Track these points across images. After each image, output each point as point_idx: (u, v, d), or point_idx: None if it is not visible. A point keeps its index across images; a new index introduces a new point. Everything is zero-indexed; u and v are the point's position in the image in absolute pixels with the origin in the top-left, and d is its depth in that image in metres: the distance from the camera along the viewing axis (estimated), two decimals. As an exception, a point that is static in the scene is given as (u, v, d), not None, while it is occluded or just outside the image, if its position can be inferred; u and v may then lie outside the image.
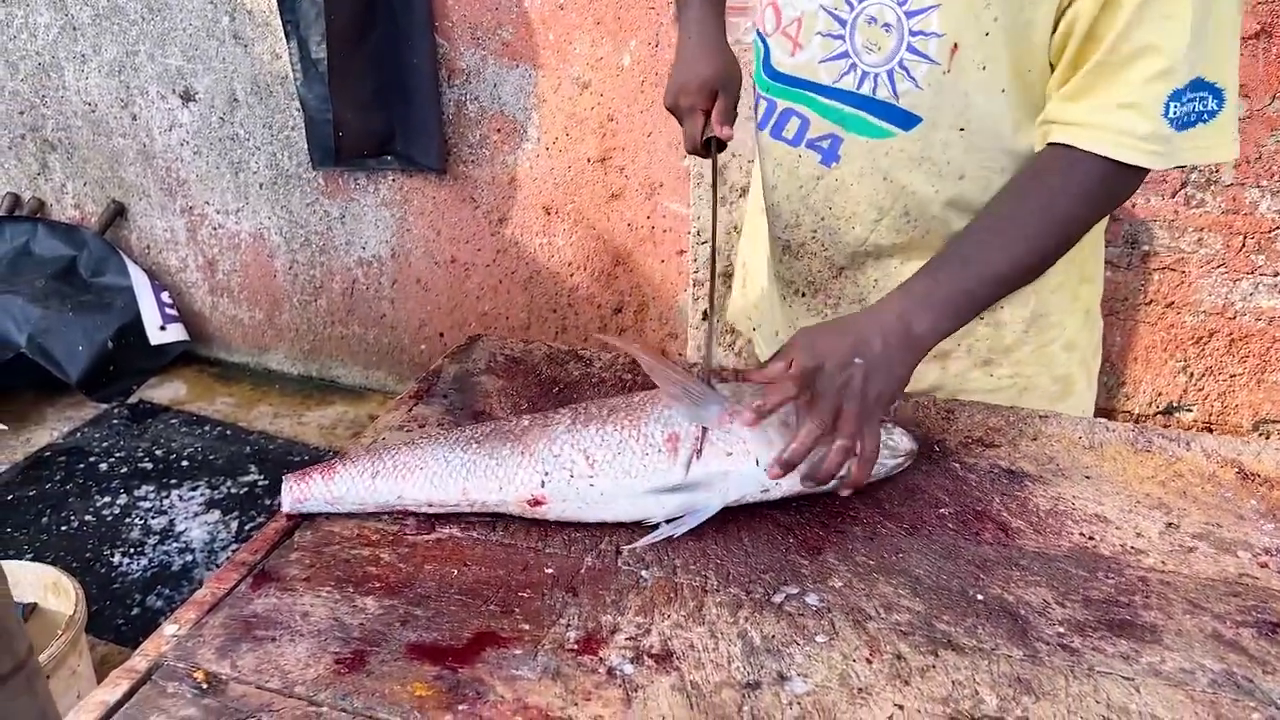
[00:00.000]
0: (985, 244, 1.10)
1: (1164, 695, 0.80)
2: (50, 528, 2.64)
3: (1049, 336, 1.29)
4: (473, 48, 2.73)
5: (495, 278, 3.03)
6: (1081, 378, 1.34)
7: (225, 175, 3.23)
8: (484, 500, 0.99)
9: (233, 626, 0.87)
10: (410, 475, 0.99)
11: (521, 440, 1.01)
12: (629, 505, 0.98)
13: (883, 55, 1.14)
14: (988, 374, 1.30)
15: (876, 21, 1.13)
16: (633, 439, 0.98)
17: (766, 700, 0.78)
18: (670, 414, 1.00)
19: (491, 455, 0.99)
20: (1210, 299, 2.28)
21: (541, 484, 0.97)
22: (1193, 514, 1.02)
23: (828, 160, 1.24)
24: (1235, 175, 2.15)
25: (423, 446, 1.02)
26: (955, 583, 0.92)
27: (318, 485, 1.00)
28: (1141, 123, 1.03)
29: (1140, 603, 0.90)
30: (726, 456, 0.98)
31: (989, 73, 1.10)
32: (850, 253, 1.29)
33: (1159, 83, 1.02)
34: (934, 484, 1.07)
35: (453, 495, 0.99)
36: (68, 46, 3.21)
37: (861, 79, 1.16)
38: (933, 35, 1.09)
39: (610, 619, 0.87)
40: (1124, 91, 1.03)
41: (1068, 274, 1.26)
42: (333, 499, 1.00)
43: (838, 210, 1.26)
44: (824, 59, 1.19)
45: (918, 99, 1.14)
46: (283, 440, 3.10)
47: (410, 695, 0.79)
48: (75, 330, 3.16)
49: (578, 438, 0.99)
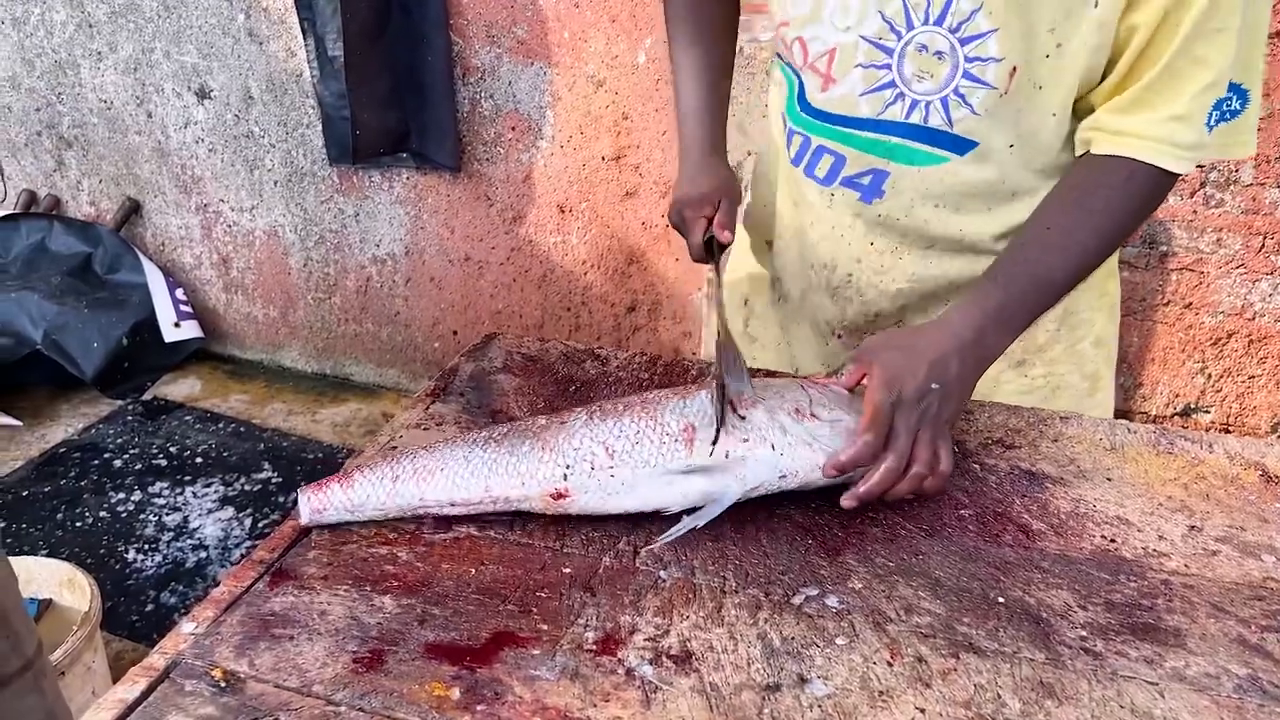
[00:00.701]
0: (1047, 254, 1.10)
1: (1189, 700, 0.79)
2: (65, 524, 2.65)
3: (1079, 334, 1.29)
4: (488, 45, 2.73)
5: (509, 276, 3.03)
6: (1107, 373, 1.35)
7: (240, 172, 3.24)
8: (507, 496, 0.99)
9: (250, 625, 0.87)
10: (431, 477, 0.99)
11: (540, 436, 1.01)
12: (650, 493, 0.98)
13: (936, 83, 1.12)
14: (1021, 374, 1.30)
15: (928, 50, 1.10)
16: (650, 429, 0.99)
17: (787, 702, 0.78)
18: (685, 406, 1.01)
19: (512, 452, 1.00)
20: (1229, 300, 2.26)
21: (564, 477, 0.98)
22: (1216, 517, 1.01)
23: (868, 197, 1.22)
24: (1255, 175, 2.13)
25: (441, 448, 1.02)
26: (976, 585, 0.92)
27: (336, 494, 1.00)
28: (1190, 134, 1.06)
29: (1163, 606, 0.89)
30: (743, 442, 0.99)
31: (1045, 92, 1.09)
32: (893, 291, 1.27)
33: (1208, 94, 1.04)
34: (953, 485, 1.06)
35: (476, 493, 0.99)
36: (84, 44, 3.22)
37: (911, 108, 1.14)
38: (991, 60, 1.08)
39: (629, 619, 0.87)
40: (1178, 105, 1.05)
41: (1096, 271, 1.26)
42: (353, 507, 0.99)
43: (880, 246, 1.24)
44: (865, 91, 1.15)
45: (973, 124, 1.12)
46: (296, 437, 3.11)
47: (428, 695, 0.79)
48: (90, 327, 3.18)
49: (596, 431, 1.00)
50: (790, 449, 0.99)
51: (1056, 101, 1.10)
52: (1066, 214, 1.11)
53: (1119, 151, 1.08)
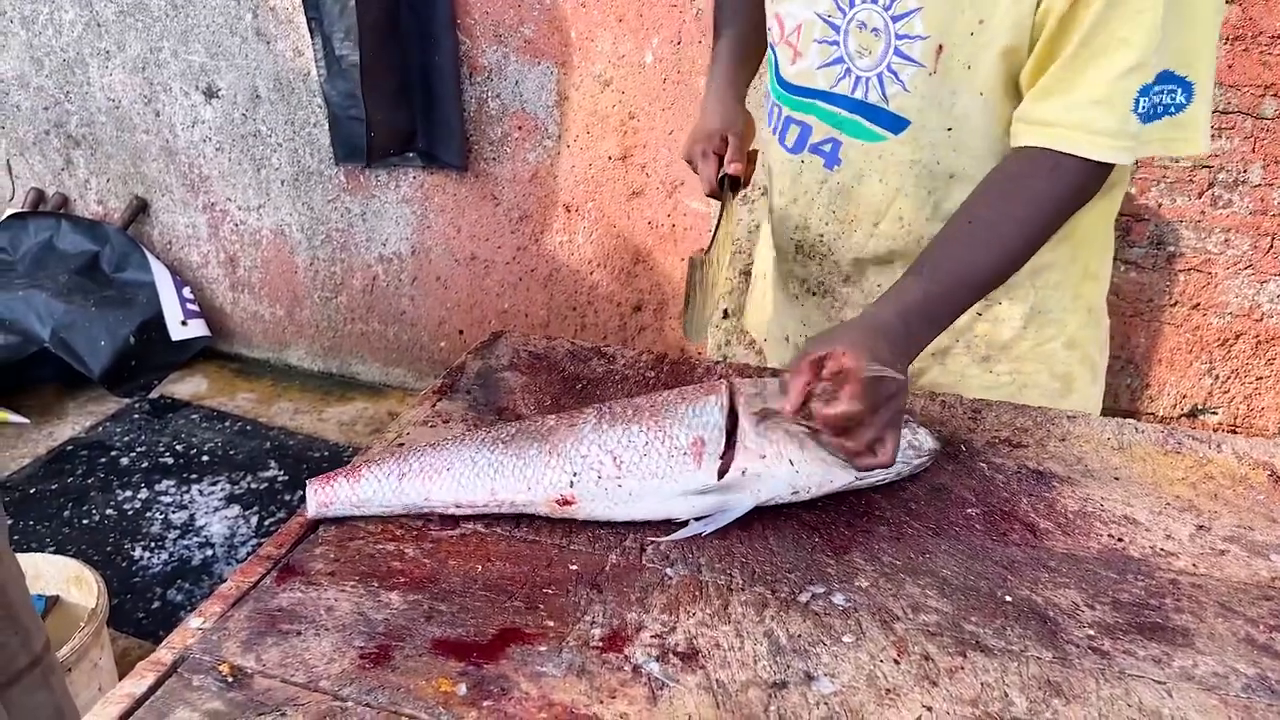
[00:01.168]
0: (970, 250, 1.09)
1: (1197, 700, 0.79)
2: (71, 521, 2.66)
3: (1048, 334, 1.28)
4: (495, 45, 2.73)
5: (515, 275, 3.03)
6: (1084, 375, 1.33)
7: (247, 172, 3.24)
8: (512, 500, 0.98)
9: (258, 620, 0.87)
10: (437, 476, 0.99)
11: (548, 440, 1.00)
12: (657, 504, 0.98)
13: (873, 59, 1.15)
14: (987, 370, 1.30)
15: (866, 26, 1.15)
16: (658, 441, 0.98)
17: (793, 700, 0.78)
18: (694, 417, 1.00)
19: (519, 455, 0.99)
20: (1237, 300, 2.26)
21: (570, 484, 0.97)
22: (1224, 516, 1.01)
23: (830, 164, 1.26)
24: (1264, 176, 2.13)
25: (449, 447, 1.02)
26: (983, 584, 0.91)
27: (343, 488, 1.00)
28: (1112, 120, 1.04)
29: (1171, 606, 0.89)
30: (760, 459, 0.97)
31: (974, 72, 1.10)
32: (853, 258, 1.30)
33: (1130, 78, 1.02)
34: (961, 484, 1.06)
35: (481, 496, 0.98)
36: (92, 43, 3.23)
37: (855, 83, 1.19)
38: (917, 38, 1.11)
39: (635, 616, 0.87)
40: (1095, 87, 1.03)
41: (1068, 271, 1.26)
42: (359, 502, 1.00)
43: (841, 214, 1.28)
44: (821, 65, 1.21)
45: (905, 102, 1.15)
46: (303, 436, 3.11)
47: (435, 691, 0.79)
48: (98, 325, 3.18)
49: (604, 438, 0.99)
50: (806, 465, 0.98)
51: (983, 81, 1.11)
52: (990, 208, 1.10)
53: (1040, 143, 1.07)
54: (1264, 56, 2.02)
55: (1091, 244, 1.27)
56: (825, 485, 0.99)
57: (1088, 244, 1.26)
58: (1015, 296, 1.25)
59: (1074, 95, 1.05)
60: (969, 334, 1.28)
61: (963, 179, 1.18)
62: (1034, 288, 1.25)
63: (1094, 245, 1.28)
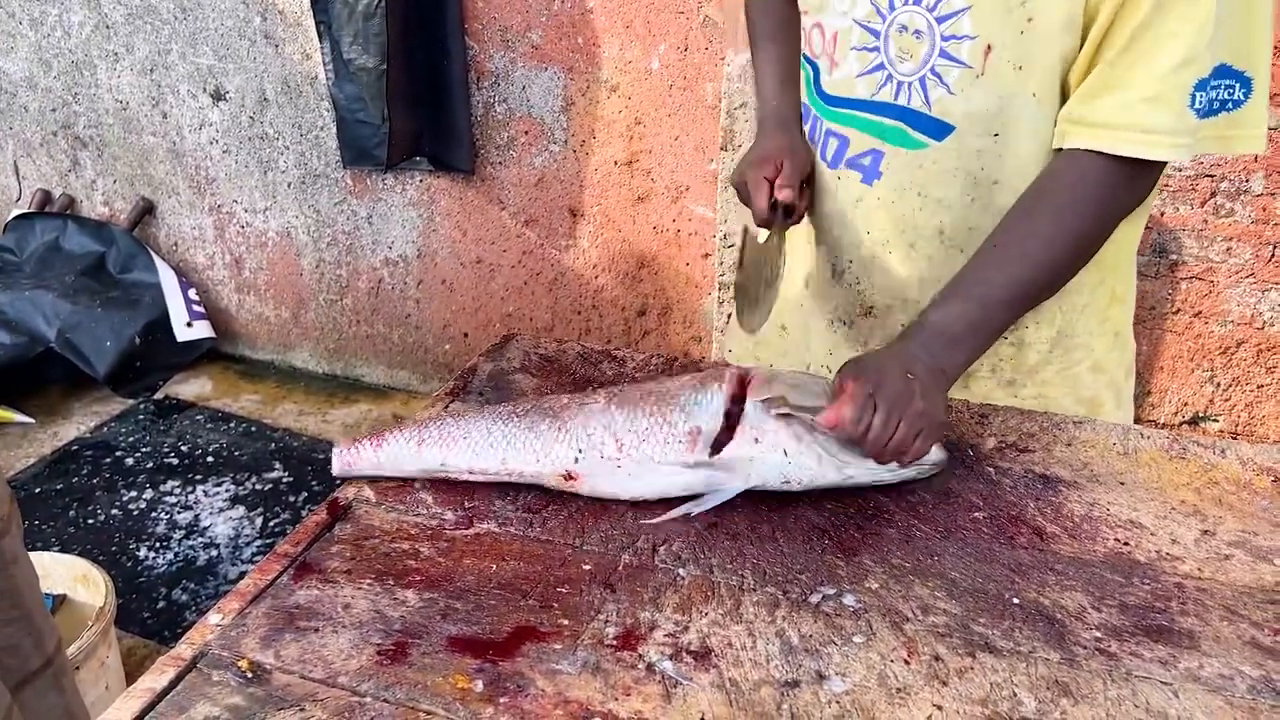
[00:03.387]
0: (1000, 268, 1.09)
1: (1203, 701, 0.80)
2: (77, 521, 2.67)
3: (1075, 358, 1.27)
4: (502, 50, 2.74)
5: (520, 279, 3.04)
6: (1109, 399, 1.32)
7: (254, 174, 3.26)
8: (521, 470, 1.04)
9: (275, 617, 0.88)
10: (454, 444, 1.05)
11: (559, 417, 1.06)
12: (656, 481, 1.03)
13: (916, 63, 1.13)
14: (1012, 394, 1.28)
15: (908, 29, 1.12)
16: (658, 426, 1.03)
17: (805, 698, 0.79)
18: (695, 405, 1.04)
19: (531, 429, 1.05)
20: (1238, 309, 2.27)
21: (575, 460, 1.02)
22: (1229, 521, 1.02)
23: (869, 178, 1.22)
24: (1266, 185, 2.14)
25: (466, 418, 1.08)
26: (991, 586, 0.93)
27: (366, 451, 1.07)
28: (1168, 117, 1.02)
29: (1177, 609, 0.90)
30: (755, 444, 1.01)
31: (1024, 73, 1.08)
32: (884, 285, 1.27)
33: (1183, 72, 1.00)
34: (968, 488, 1.07)
35: (493, 464, 1.04)
36: (100, 45, 3.25)
37: (898, 90, 1.16)
38: (965, 38, 1.08)
39: (648, 616, 0.88)
40: (1148, 84, 1.01)
41: (1096, 294, 1.24)
42: (380, 464, 1.06)
43: (876, 235, 1.25)
44: (861, 73, 1.18)
45: (949, 106, 1.12)
46: (307, 438, 3.12)
47: (452, 687, 0.80)
48: (103, 326, 3.19)
49: (610, 420, 1.04)
50: (799, 457, 1.01)
51: (1036, 82, 1.08)
52: (1028, 219, 1.09)
53: (1093, 145, 1.05)
54: (1267, 67, 2.04)
55: (1119, 268, 1.25)
56: (817, 480, 1.02)
57: (1115, 268, 1.24)
58: (1042, 320, 1.23)
59: (1126, 94, 1.02)
60: (994, 358, 1.26)
61: (1006, 187, 1.14)
62: (1061, 311, 1.23)
63: (1121, 269, 1.26)
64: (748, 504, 1.03)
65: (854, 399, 0.98)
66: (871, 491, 1.06)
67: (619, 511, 1.02)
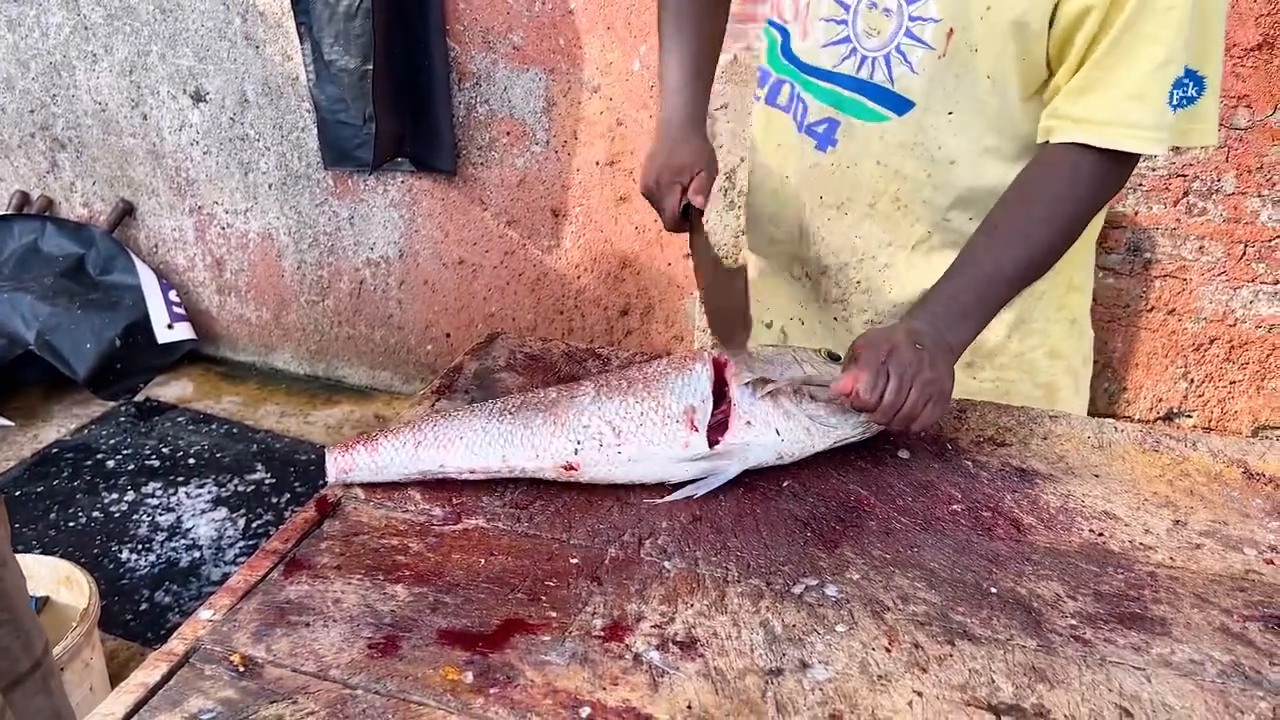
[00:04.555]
0: (1005, 247, 1.14)
1: (1174, 684, 0.82)
2: (58, 524, 2.66)
3: (1031, 343, 1.32)
4: (484, 51, 2.75)
5: (503, 279, 3.05)
6: (1067, 385, 1.37)
7: (234, 175, 3.25)
8: (523, 466, 1.05)
9: (267, 612, 0.89)
10: (452, 445, 1.05)
11: (552, 411, 1.07)
12: (655, 467, 1.05)
13: (882, 39, 1.18)
14: (970, 376, 1.33)
15: (878, 7, 1.17)
16: (653, 410, 1.05)
17: (789, 686, 0.81)
18: (684, 386, 1.07)
19: (526, 425, 1.06)
20: (1211, 306, 2.31)
21: (575, 451, 1.04)
22: (1200, 512, 1.05)
23: (823, 145, 1.27)
24: (1237, 184, 2.18)
25: (459, 418, 1.09)
26: (969, 576, 0.95)
27: (362, 456, 1.06)
28: (1149, 114, 1.09)
29: (1150, 597, 0.93)
30: (749, 427, 1.05)
31: (980, 55, 1.14)
32: (838, 245, 1.32)
33: (1163, 72, 1.07)
34: (946, 481, 1.10)
35: (494, 462, 1.05)
36: (79, 46, 3.23)
37: (861, 63, 1.21)
38: (930, 20, 1.14)
39: (635, 607, 0.90)
40: (1132, 83, 1.08)
41: (1053, 283, 1.28)
42: (377, 468, 1.06)
43: (829, 199, 1.30)
44: (826, 44, 1.23)
45: (911, 83, 1.18)
46: (289, 439, 3.11)
47: (443, 679, 0.81)
48: (83, 328, 3.18)
49: (603, 409, 1.06)
50: (791, 433, 1.06)
51: (990, 64, 1.14)
52: (1024, 206, 1.15)
53: (1080, 139, 1.11)
54: (1236, 69, 2.08)
55: (1075, 257, 1.28)
56: (808, 450, 1.08)
57: (1072, 257, 1.27)
58: None
59: (1112, 92, 1.09)
60: None
61: (963, 164, 1.20)
62: (1019, 297, 1.26)
63: (1077, 259, 1.31)
64: (731, 498, 1.05)
65: (868, 367, 1.03)
66: (853, 485, 1.08)
67: (606, 506, 1.04)
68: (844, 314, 1.36)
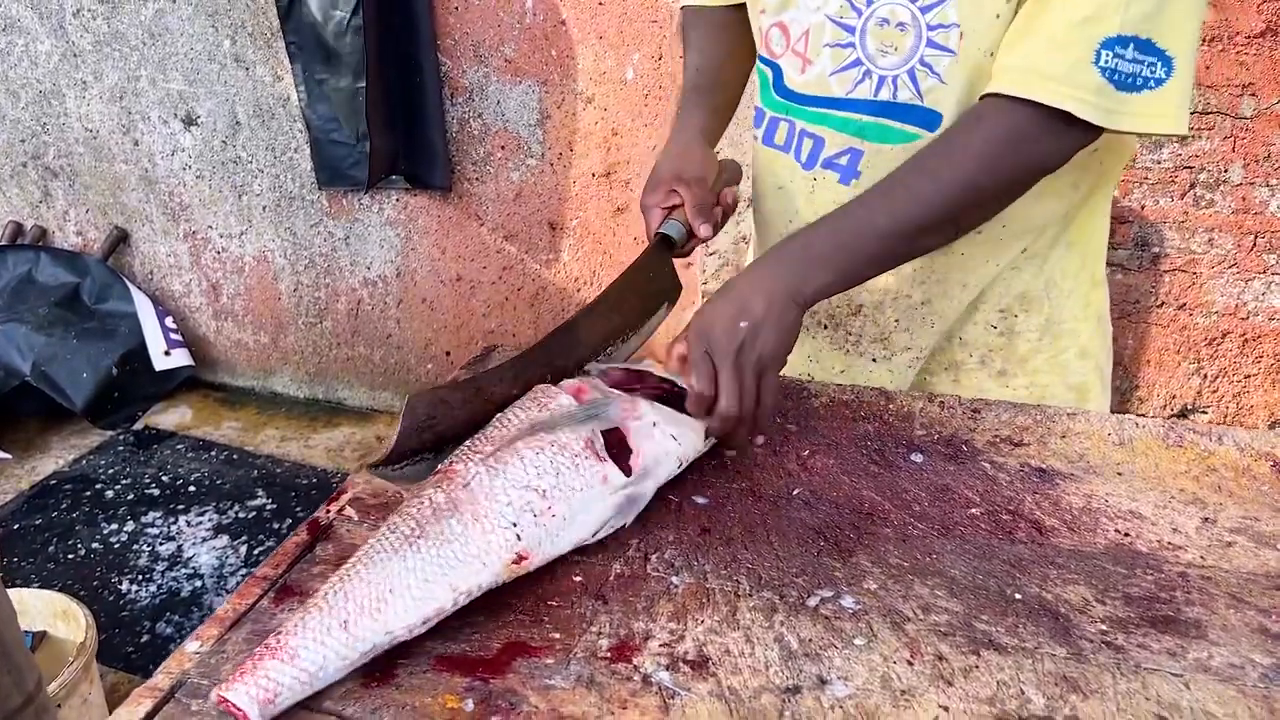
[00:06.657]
0: (882, 198, 1.07)
1: (1215, 691, 0.78)
2: (57, 556, 2.62)
3: (1063, 345, 1.27)
4: (476, 65, 2.73)
5: (501, 295, 3.02)
6: (1096, 384, 1.32)
7: (228, 198, 3.23)
8: (479, 583, 0.86)
9: (256, 643, 0.85)
10: (385, 606, 0.82)
11: (459, 511, 0.89)
12: (587, 518, 0.93)
13: (901, 55, 1.11)
14: (1003, 385, 1.28)
15: (889, 23, 1.10)
16: (560, 456, 0.94)
17: (808, 704, 0.76)
18: (565, 419, 0.98)
19: (449, 540, 0.87)
20: (1222, 299, 2.27)
21: (518, 537, 0.88)
22: (1229, 508, 1.01)
23: (846, 178, 1.20)
24: (1244, 175, 2.14)
25: (373, 568, 0.85)
26: (992, 582, 0.90)
27: (282, 673, 0.77)
28: (1064, 64, 1.00)
29: (1182, 599, 0.88)
30: (651, 441, 0.99)
31: (993, 60, 1.08)
32: (873, 282, 1.23)
33: (1087, 27, 0.99)
34: (964, 484, 1.05)
35: (445, 597, 0.84)
36: (69, 73, 3.21)
37: (879, 84, 1.14)
38: (952, 27, 1.08)
39: (642, 626, 0.85)
40: (1052, 33, 1.01)
41: (1079, 279, 1.24)
42: (309, 678, 0.78)
43: None
44: (834, 70, 1.16)
45: (941, 95, 1.11)
46: (290, 463, 3.08)
47: (441, 708, 0.77)
48: (79, 357, 3.15)
49: (511, 479, 0.92)
50: (683, 435, 1.01)
51: None
52: (920, 158, 1.07)
53: (994, 89, 1.04)
54: (1240, 56, 2.04)
55: (1097, 250, 1.25)
56: (700, 448, 1.04)
57: (1094, 251, 1.24)
58: (1031, 309, 1.23)
59: (1031, 40, 1.02)
60: (983, 348, 1.25)
61: None
62: (1049, 299, 1.23)
63: (1098, 252, 1.26)
64: (740, 508, 1.01)
65: (694, 367, 1.01)
66: (866, 491, 1.04)
67: (608, 521, 1.00)
68: (885, 354, 1.30)
